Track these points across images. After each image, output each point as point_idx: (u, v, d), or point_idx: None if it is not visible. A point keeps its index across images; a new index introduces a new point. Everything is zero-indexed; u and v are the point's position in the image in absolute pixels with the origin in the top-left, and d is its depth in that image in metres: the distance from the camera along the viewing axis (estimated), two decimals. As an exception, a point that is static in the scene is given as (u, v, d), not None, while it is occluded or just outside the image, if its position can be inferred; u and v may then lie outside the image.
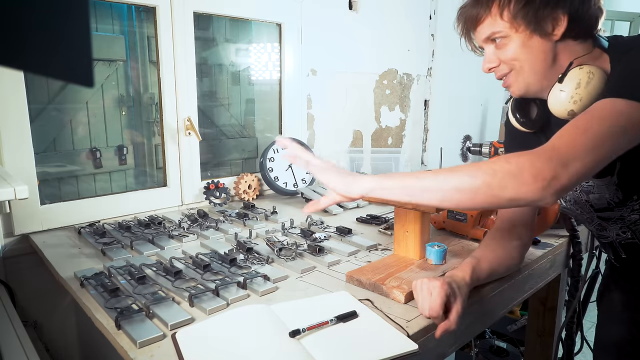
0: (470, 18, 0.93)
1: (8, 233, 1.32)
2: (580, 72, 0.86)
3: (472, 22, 0.93)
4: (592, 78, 0.85)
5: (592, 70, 0.86)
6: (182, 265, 1.10)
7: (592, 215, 1.04)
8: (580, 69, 0.87)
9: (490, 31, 0.91)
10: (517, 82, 0.93)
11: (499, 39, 0.91)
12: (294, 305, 0.92)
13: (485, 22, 0.91)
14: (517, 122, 1.02)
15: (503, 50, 0.91)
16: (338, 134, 2.23)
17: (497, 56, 0.93)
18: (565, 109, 0.88)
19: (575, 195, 1.03)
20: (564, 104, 0.88)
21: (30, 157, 1.32)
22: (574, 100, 0.87)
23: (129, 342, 0.80)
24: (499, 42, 0.91)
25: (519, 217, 1.08)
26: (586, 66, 0.87)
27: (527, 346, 1.72)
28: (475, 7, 0.92)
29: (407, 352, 0.77)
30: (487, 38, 0.92)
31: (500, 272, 1.03)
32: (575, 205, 1.05)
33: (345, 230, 1.35)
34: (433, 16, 2.57)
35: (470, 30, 0.95)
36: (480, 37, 0.94)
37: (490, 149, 1.96)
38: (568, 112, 0.88)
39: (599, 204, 0.99)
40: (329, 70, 2.11)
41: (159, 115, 1.62)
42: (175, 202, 1.66)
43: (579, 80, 0.86)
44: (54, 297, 1.39)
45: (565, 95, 0.87)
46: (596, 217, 1.03)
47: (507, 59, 0.91)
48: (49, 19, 0.34)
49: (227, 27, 1.86)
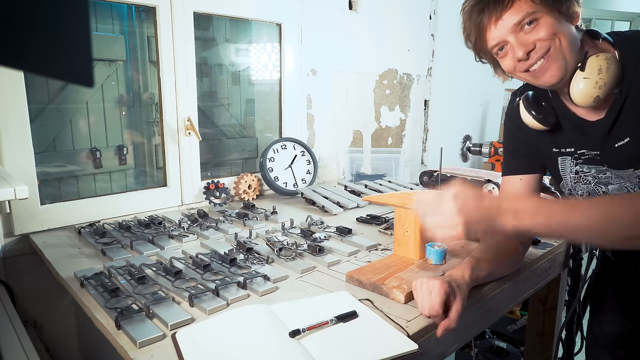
0: (494, 7, 0.90)
1: (8, 233, 1.32)
2: (599, 59, 0.88)
3: (496, 10, 0.90)
4: (610, 64, 0.88)
5: (607, 56, 0.88)
6: (182, 265, 1.10)
7: None
8: (597, 56, 0.89)
9: (522, 13, 0.88)
10: (557, 60, 0.90)
11: (532, 22, 0.88)
12: (294, 305, 0.92)
13: (513, 7, 0.89)
14: (534, 119, 1.00)
15: (537, 30, 0.89)
16: (338, 134, 2.23)
17: (530, 39, 0.89)
18: (592, 95, 0.89)
19: (591, 189, 1.03)
20: (590, 90, 0.89)
21: (30, 157, 1.32)
22: (599, 86, 0.88)
23: (129, 342, 0.80)
24: (530, 26, 0.89)
25: None
26: (601, 54, 0.89)
27: (527, 346, 1.72)
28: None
29: (407, 352, 0.77)
30: (517, 23, 0.89)
31: (500, 272, 1.03)
32: (589, 196, 1.06)
33: (345, 230, 1.35)
34: (433, 16, 2.57)
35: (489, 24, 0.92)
36: (507, 25, 0.90)
37: (490, 149, 1.96)
38: (594, 99, 0.89)
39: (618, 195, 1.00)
40: (329, 70, 2.11)
41: (159, 115, 1.62)
42: (175, 202, 1.66)
43: (599, 66, 0.88)
44: (54, 297, 1.39)
45: (589, 82, 0.88)
46: None
47: (546, 35, 0.88)
48: (49, 19, 0.34)
49: (227, 27, 1.86)
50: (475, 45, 0.97)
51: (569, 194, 1.10)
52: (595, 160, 0.99)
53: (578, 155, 1.01)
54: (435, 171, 1.46)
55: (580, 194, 1.06)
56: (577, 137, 0.99)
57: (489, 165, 2.10)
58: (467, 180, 0.81)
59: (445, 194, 0.83)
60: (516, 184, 1.09)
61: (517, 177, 1.09)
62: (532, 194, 1.09)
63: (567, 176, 1.05)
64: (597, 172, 1.00)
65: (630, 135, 0.90)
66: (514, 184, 1.09)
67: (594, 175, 1.01)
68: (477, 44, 0.96)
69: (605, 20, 3.88)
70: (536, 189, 1.09)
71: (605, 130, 0.93)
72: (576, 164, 1.02)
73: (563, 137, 1.02)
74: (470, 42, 0.98)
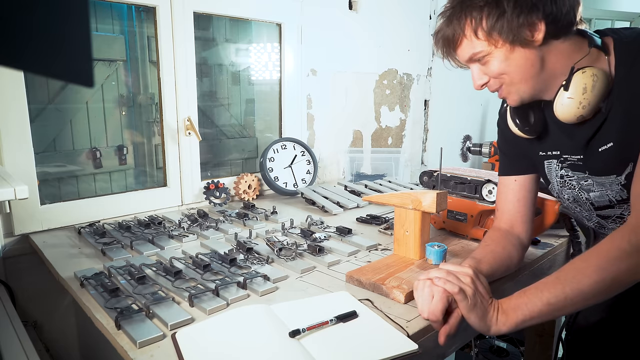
0: (447, 42, 0.93)
1: (8, 233, 1.32)
2: (584, 76, 0.86)
3: (449, 45, 0.93)
4: (596, 81, 0.85)
5: (595, 72, 0.85)
6: (182, 265, 1.10)
7: (591, 214, 1.04)
8: (583, 72, 0.86)
9: (470, 52, 0.91)
10: (510, 93, 0.93)
11: (481, 59, 0.90)
12: (294, 305, 0.92)
13: (462, 44, 0.91)
14: (518, 129, 1.01)
15: (488, 66, 0.91)
16: (338, 134, 2.23)
17: (484, 72, 0.93)
18: (575, 114, 0.88)
19: (575, 194, 1.03)
20: (573, 110, 0.88)
21: (30, 157, 1.32)
22: (583, 106, 0.87)
23: (129, 342, 0.80)
24: (482, 60, 0.91)
25: (518, 218, 1.08)
26: (588, 69, 0.86)
27: (527, 346, 1.72)
28: (448, 30, 0.91)
29: (407, 352, 0.77)
30: (469, 59, 0.92)
31: (500, 273, 1.03)
32: (575, 203, 1.06)
33: (345, 230, 1.35)
34: (433, 16, 2.57)
35: (450, 53, 0.95)
36: (462, 58, 0.94)
37: (490, 149, 1.97)
38: (577, 118, 0.89)
39: (600, 202, 0.99)
40: (329, 70, 2.11)
41: (159, 115, 1.62)
42: (175, 202, 1.66)
43: (584, 85, 0.85)
44: (54, 297, 1.39)
45: (573, 102, 0.87)
46: (595, 215, 1.04)
47: (494, 74, 0.91)
48: (49, 19, 0.34)
49: (227, 27, 1.86)
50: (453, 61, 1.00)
51: (557, 197, 1.11)
52: (578, 166, 0.98)
53: (563, 159, 1.01)
54: (435, 171, 1.47)
55: (566, 197, 1.06)
56: (563, 140, 0.99)
57: (489, 165, 2.10)
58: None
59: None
60: (511, 184, 1.09)
61: (511, 177, 1.09)
62: (528, 194, 1.08)
63: (553, 180, 1.05)
64: (579, 179, 1.00)
65: (613, 140, 0.89)
66: (509, 184, 1.09)
67: (577, 181, 1.01)
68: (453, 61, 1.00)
69: (605, 20, 3.87)
70: (532, 189, 1.09)
71: (590, 135, 0.93)
72: (561, 167, 1.02)
73: (550, 140, 1.02)
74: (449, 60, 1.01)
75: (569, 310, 0.79)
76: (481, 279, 0.85)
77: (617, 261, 0.77)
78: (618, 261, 0.77)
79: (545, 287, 0.79)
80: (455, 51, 0.93)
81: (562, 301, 0.78)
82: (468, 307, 0.80)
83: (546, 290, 0.79)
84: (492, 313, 0.81)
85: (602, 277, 0.77)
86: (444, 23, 0.92)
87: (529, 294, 0.80)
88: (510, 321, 0.80)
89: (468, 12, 0.88)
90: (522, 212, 1.07)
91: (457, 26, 0.89)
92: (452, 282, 0.81)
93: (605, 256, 0.78)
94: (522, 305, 0.79)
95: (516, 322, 0.79)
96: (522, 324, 0.80)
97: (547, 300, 0.78)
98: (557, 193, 1.08)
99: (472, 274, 0.84)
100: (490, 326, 0.80)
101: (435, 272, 0.84)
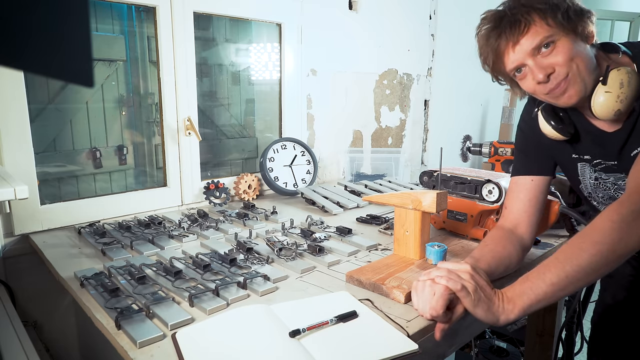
0: (511, 33, 0.92)
1: (8, 233, 1.32)
2: (620, 73, 0.91)
3: (513, 35, 0.92)
4: (631, 77, 0.90)
5: (629, 70, 0.91)
6: (182, 265, 1.10)
7: None
8: (618, 70, 0.91)
9: (539, 38, 0.90)
10: (575, 84, 0.92)
11: (549, 45, 0.91)
12: (294, 305, 0.92)
13: (530, 32, 0.91)
14: (554, 129, 1.03)
15: (555, 54, 0.91)
16: (338, 134, 2.23)
17: (549, 62, 0.92)
18: (613, 108, 0.91)
19: (611, 194, 1.07)
20: (612, 104, 0.91)
21: (30, 157, 1.32)
22: (621, 100, 0.91)
23: (129, 342, 0.80)
24: (547, 49, 0.91)
25: (525, 218, 1.08)
26: (622, 67, 0.91)
27: (527, 346, 1.72)
28: (513, 22, 0.91)
29: (407, 352, 0.77)
30: (534, 48, 0.91)
31: (499, 272, 1.03)
32: (610, 200, 1.09)
33: (345, 230, 1.35)
34: (433, 16, 2.57)
35: (507, 49, 0.94)
36: (525, 49, 0.92)
37: (490, 149, 1.96)
38: (615, 112, 0.92)
39: None
40: (329, 70, 2.11)
41: (159, 115, 1.62)
42: (175, 202, 1.66)
43: (621, 80, 0.90)
44: (54, 297, 1.39)
45: (611, 95, 0.91)
46: None
47: (564, 60, 0.91)
48: (49, 19, 0.34)
49: (227, 27, 1.86)
50: (493, 69, 1.00)
51: (589, 196, 1.13)
52: (613, 169, 1.02)
53: (596, 164, 1.04)
54: (435, 171, 1.47)
55: (600, 195, 1.09)
56: (594, 148, 1.03)
57: (489, 165, 2.09)
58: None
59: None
60: (527, 184, 1.10)
61: (529, 177, 1.11)
62: (540, 196, 1.10)
63: (586, 181, 1.09)
64: (615, 180, 1.03)
65: None
66: (524, 184, 1.11)
67: (612, 182, 1.04)
68: (494, 68, 0.99)
69: (605, 20, 3.87)
70: (544, 192, 1.11)
71: (622, 141, 0.96)
72: (595, 170, 1.05)
73: (581, 146, 1.05)
74: (488, 66, 1.00)
75: (571, 288, 0.81)
76: (480, 273, 0.86)
77: (609, 232, 0.79)
78: (610, 232, 0.79)
79: (547, 269, 0.81)
80: (519, 41, 0.92)
81: (564, 279, 0.79)
82: (472, 302, 0.80)
83: (547, 271, 0.81)
84: (498, 303, 0.81)
85: (598, 250, 0.79)
86: (509, 19, 0.92)
87: (531, 278, 0.82)
88: (517, 308, 0.81)
89: (534, 5, 0.91)
90: (529, 212, 1.09)
91: (526, 13, 0.91)
92: (454, 279, 0.81)
93: (598, 230, 0.81)
94: (527, 290, 0.81)
95: (523, 308, 0.80)
96: (529, 309, 0.81)
97: (550, 280, 0.80)
98: (590, 192, 1.11)
99: (470, 270, 0.84)
100: (499, 316, 0.81)
101: (436, 271, 0.84)
